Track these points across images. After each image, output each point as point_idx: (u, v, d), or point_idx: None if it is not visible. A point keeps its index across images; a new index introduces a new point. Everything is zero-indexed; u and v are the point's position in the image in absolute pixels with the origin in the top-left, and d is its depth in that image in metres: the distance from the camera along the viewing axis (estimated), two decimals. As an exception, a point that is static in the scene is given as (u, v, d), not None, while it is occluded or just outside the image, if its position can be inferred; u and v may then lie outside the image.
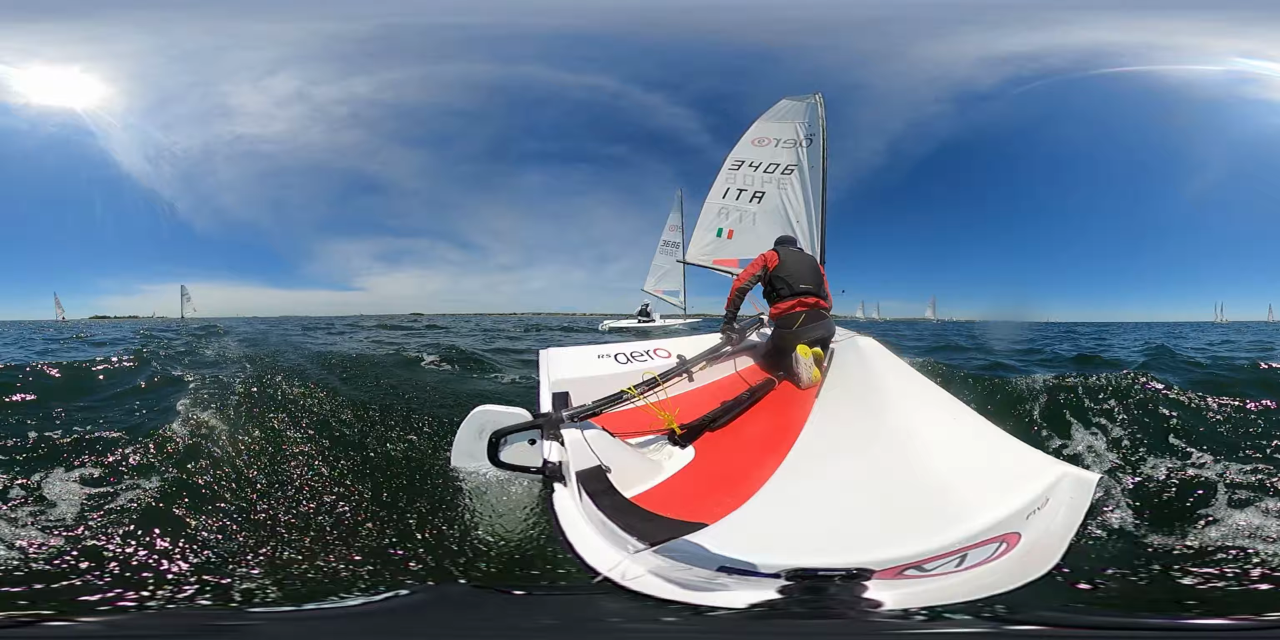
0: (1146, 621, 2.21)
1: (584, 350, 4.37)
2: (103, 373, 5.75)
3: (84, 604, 2.20)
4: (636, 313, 24.68)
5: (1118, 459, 3.64)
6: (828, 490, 2.40)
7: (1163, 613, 2.28)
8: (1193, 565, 2.50)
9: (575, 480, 2.44)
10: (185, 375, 5.51)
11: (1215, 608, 2.27)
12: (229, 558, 2.59)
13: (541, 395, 3.44)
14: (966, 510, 2.04)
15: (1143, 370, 5.28)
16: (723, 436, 3.29)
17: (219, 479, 3.30)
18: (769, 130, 6.89)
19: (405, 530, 2.85)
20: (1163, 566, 2.50)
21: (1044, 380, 5.01)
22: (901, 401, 3.16)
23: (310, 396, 4.83)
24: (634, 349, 4.35)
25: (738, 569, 1.87)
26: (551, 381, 3.63)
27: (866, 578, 1.83)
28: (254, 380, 5.16)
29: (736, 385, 4.06)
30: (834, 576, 1.82)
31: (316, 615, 2.20)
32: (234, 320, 27.70)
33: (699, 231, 7.01)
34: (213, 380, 5.31)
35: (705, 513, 2.27)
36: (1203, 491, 3.11)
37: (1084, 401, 4.44)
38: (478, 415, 2.70)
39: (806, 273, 4.43)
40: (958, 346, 11.80)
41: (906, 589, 1.86)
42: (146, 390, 5.14)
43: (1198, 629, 2.16)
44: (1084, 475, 2.30)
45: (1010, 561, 2.00)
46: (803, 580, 1.82)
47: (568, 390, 3.40)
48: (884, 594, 1.83)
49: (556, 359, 4.04)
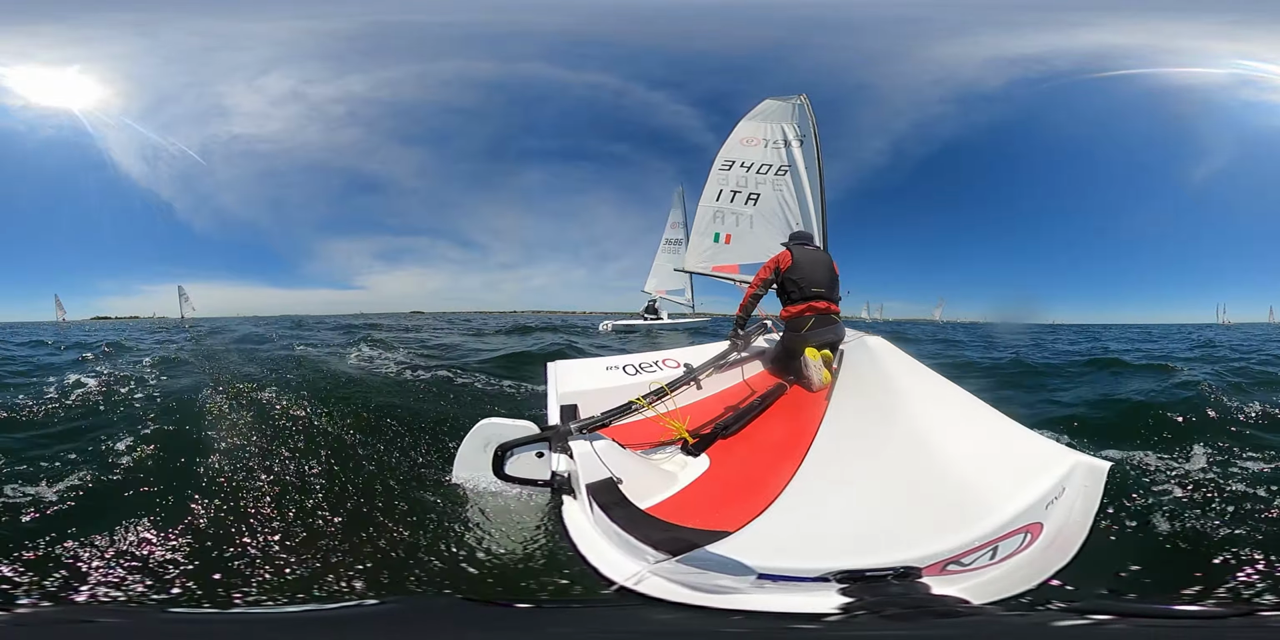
0: (1185, 609, 2.23)
1: (592, 362, 4.38)
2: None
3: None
4: (643, 310, 22.90)
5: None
6: (850, 491, 2.38)
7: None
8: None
9: (586, 493, 2.39)
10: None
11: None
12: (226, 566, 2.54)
13: (550, 407, 3.45)
14: (990, 502, 2.03)
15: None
16: (736, 443, 3.25)
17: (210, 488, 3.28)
18: (756, 130, 6.74)
19: (400, 542, 2.80)
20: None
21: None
22: (913, 398, 3.16)
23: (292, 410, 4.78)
24: (642, 360, 4.35)
25: (780, 576, 1.82)
26: (559, 394, 3.63)
27: (917, 575, 1.79)
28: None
29: (746, 391, 4.05)
30: (885, 576, 1.78)
31: (299, 619, 2.18)
32: (235, 320, 27.80)
33: (695, 238, 6.85)
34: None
35: (726, 521, 2.23)
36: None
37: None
38: (483, 428, 2.65)
39: (820, 274, 4.33)
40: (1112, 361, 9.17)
41: (956, 585, 1.86)
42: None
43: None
44: (1096, 463, 2.29)
45: (1036, 552, 2.02)
46: (855, 582, 1.77)
47: (576, 403, 3.40)
48: (947, 590, 1.82)
49: (564, 371, 4.04)
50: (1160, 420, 4.62)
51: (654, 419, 3.20)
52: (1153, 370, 7.47)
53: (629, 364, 4.25)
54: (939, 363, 6.56)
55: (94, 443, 3.94)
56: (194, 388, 5.71)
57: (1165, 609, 2.23)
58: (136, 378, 6.29)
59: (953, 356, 10.41)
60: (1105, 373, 7.66)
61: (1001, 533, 1.93)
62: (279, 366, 7.57)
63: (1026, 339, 15.82)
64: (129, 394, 5.53)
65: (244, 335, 14.97)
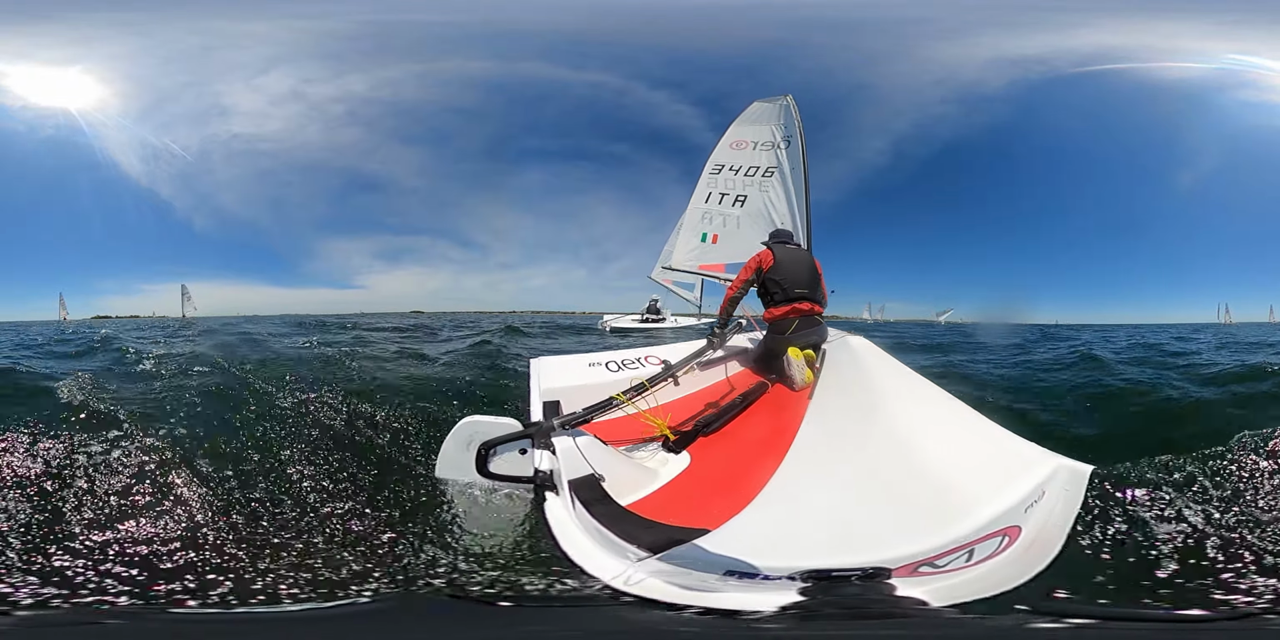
0: (1156, 613, 2.25)
1: (574, 359, 4.37)
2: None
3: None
4: (644, 310, 20.09)
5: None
6: (829, 490, 2.39)
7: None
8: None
9: (568, 489, 2.41)
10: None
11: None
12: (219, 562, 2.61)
13: (532, 404, 3.43)
14: (969, 504, 2.04)
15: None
16: (718, 441, 3.28)
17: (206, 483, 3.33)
18: (745, 133, 6.87)
19: (387, 541, 2.84)
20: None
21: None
22: (896, 399, 3.16)
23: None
24: (625, 357, 4.35)
25: (746, 573, 1.85)
26: (542, 390, 3.62)
27: (886, 576, 1.81)
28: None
29: (726, 389, 4.07)
30: (850, 576, 1.80)
31: (294, 618, 2.23)
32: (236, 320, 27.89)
33: (684, 236, 7.00)
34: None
35: (706, 518, 2.26)
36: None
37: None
38: (466, 426, 2.63)
39: (802, 274, 4.27)
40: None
41: (926, 586, 1.85)
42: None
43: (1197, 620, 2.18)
44: (1078, 467, 2.28)
45: (1014, 555, 2.00)
46: (819, 581, 1.79)
47: (558, 399, 3.39)
48: (911, 591, 1.81)
49: (547, 368, 4.03)
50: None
51: (636, 416, 3.23)
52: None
53: (611, 360, 4.25)
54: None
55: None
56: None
57: (1136, 613, 2.25)
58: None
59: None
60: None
61: (978, 535, 1.93)
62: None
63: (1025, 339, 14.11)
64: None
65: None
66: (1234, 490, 3.28)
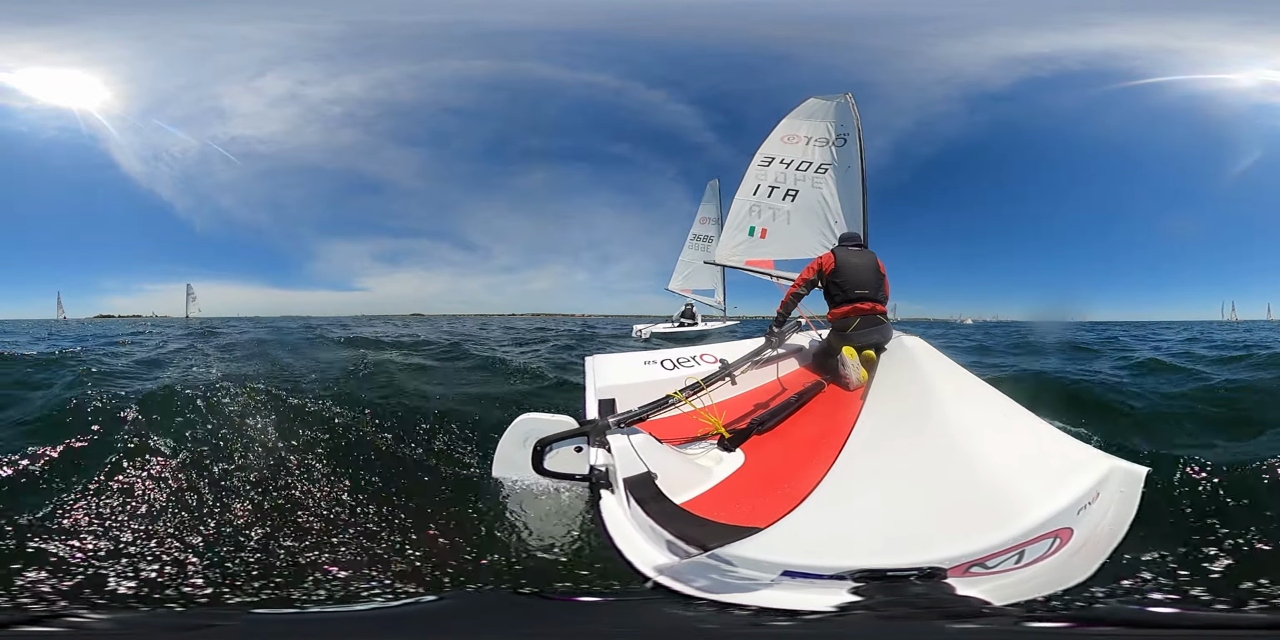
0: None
1: (630, 356, 4.44)
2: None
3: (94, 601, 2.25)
4: (678, 315, 20.75)
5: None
6: (881, 490, 2.38)
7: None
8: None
9: (623, 487, 2.43)
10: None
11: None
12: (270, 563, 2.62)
13: (587, 402, 3.50)
14: (1022, 505, 2.01)
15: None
16: (771, 440, 3.27)
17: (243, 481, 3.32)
18: (798, 128, 6.63)
19: (449, 540, 2.84)
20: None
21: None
22: (949, 399, 3.15)
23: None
24: (680, 355, 4.36)
25: (802, 573, 1.83)
26: (597, 388, 3.66)
27: (942, 576, 1.80)
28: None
29: (781, 388, 4.09)
30: (909, 576, 1.78)
31: (355, 617, 2.24)
32: (238, 321, 27.75)
33: (729, 231, 6.73)
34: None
35: (758, 517, 2.26)
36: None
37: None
38: (522, 423, 2.67)
39: (865, 276, 4.33)
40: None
41: (978, 587, 1.85)
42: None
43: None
44: (1134, 469, 2.24)
45: (1064, 557, 2.01)
46: (875, 581, 1.77)
47: (614, 397, 3.43)
48: (969, 591, 1.81)
49: (602, 365, 4.04)
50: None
51: (690, 414, 3.22)
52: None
53: (667, 359, 4.27)
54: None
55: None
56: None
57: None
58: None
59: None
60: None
61: (1030, 537, 1.91)
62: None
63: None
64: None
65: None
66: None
